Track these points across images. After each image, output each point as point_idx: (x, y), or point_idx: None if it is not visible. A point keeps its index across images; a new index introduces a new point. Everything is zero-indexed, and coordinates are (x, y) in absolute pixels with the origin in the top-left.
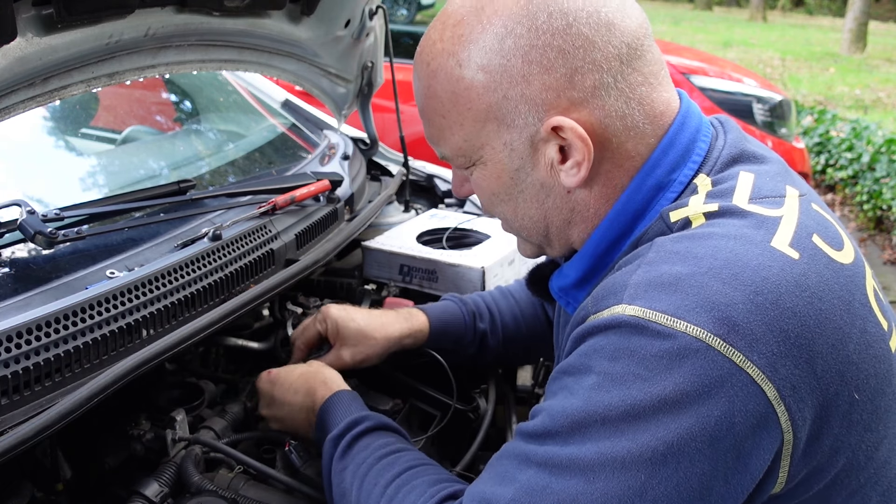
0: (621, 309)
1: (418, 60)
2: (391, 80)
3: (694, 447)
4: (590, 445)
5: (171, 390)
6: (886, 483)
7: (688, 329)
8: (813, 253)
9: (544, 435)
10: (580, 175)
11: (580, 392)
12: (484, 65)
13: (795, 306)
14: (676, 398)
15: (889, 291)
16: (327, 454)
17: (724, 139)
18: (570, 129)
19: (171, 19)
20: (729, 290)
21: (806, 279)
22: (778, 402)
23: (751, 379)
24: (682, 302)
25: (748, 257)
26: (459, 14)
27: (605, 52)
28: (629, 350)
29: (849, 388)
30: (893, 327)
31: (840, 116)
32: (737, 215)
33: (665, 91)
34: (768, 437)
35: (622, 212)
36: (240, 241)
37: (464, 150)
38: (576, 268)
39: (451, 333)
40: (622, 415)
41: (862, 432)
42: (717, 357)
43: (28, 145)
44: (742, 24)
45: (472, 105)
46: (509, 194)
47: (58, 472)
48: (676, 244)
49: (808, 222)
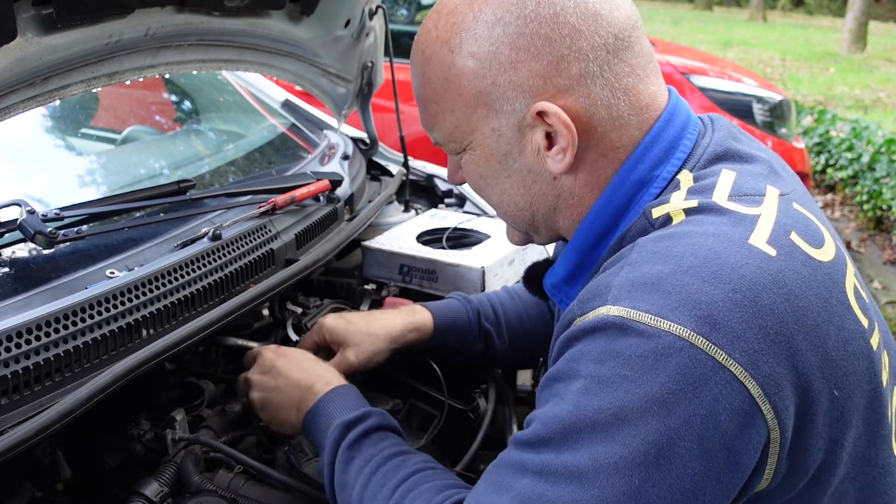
0: (606, 310)
1: (415, 49)
2: (391, 80)
3: (684, 447)
4: (583, 452)
5: (171, 390)
6: (866, 480)
7: (671, 328)
8: (790, 250)
9: (538, 443)
10: (566, 161)
11: (569, 397)
12: (474, 51)
13: (773, 303)
14: (663, 397)
15: (889, 291)
16: (334, 438)
17: (711, 137)
18: (554, 114)
19: (170, 19)
20: (709, 287)
21: (783, 276)
22: (762, 399)
23: (734, 376)
24: (664, 301)
25: (726, 254)
26: (453, 3)
27: (591, 41)
28: (615, 352)
29: (829, 385)
30: (876, 325)
31: (840, 116)
32: (715, 212)
33: (652, 84)
34: (756, 435)
35: (606, 206)
36: (240, 240)
37: (455, 136)
38: (564, 263)
39: (455, 330)
40: (611, 418)
41: (841, 429)
42: (700, 355)
43: (28, 145)
44: (742, 24)
45: (462, 91)
46: (496, 178)
47: (58, 472)
48: (657, 244)
49: (786, 221)
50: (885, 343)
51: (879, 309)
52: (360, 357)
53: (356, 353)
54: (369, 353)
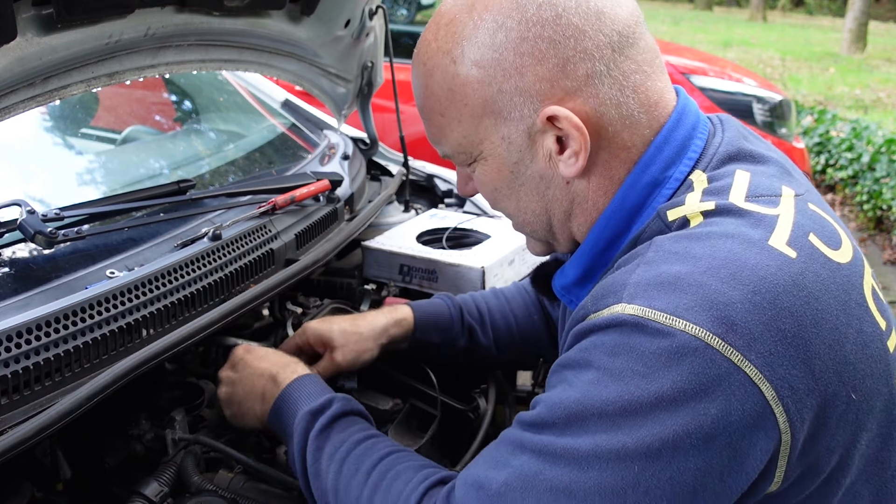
0: (621, 308)
1: (415, 62)
2: (391, 80)
3: (689, 443)
4: (586, 437)
5: (171, 390)
6: (880, 482)
7: (686, 328)
8: (810, 252)
9: (541, 424)
10: (578, 164)
11: (579, 385)
12: (477, 60)
13: (792, 306)
14: (674, 396)
15: (889, 291)
16: (302, 428)
17: (722, 137)
18: (565, 118)
19: (170, 19)
20: (727, 289)
21: (803, 278)
22: (776, 402)
23: (748, 378)
24: (681, 301)
25: (746, 256)
26: (452, 12)
27: (595, 40)
28: (628, 347)
29: (846, 388)
30: (893, 327)
31: (840, 116)
32: (734, 214)
33: (659, 80)
34: (765, 437)
35: (619, 209)
36: (240, 240)
37: (464, 147)
38: (576, 266)
39: (437, 325)
40: (619, 410)
41: (857, 431)
42: (715, 356)
43: (28, 145)
44: (742, 24)
45: (468, 101)
46: (510, 188)
47: (58, 472)
48: (675, 244)
49: (804, 222)
50: None
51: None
52: (347, 357)
53: (343, 353)
54: (355, 352)
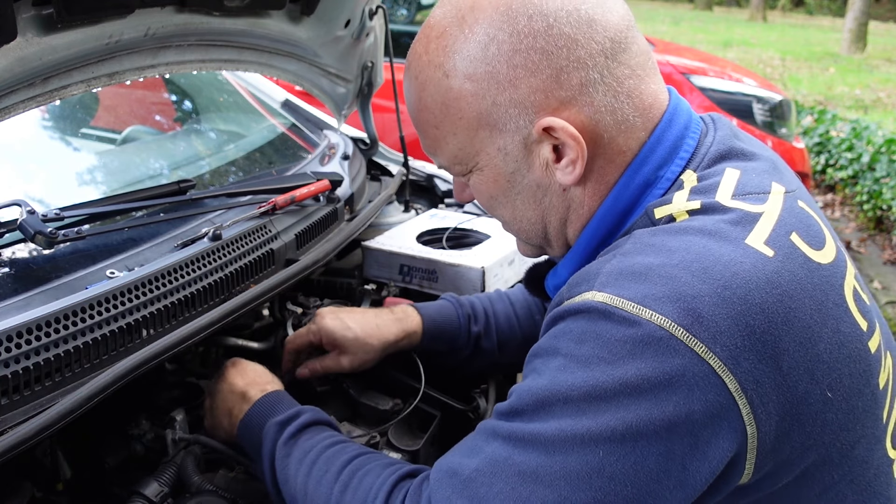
0: (591, 295)
1: (407, 74)
2: (391, 80)
3: (651, 430)
4: (552, 422)
5: (171, 390)
6: (864, 482)
7: (652, 317)
8: (788, 252)
9: (511, 413)
10: (576, 172)
11: (547, 373)
12: (470, 73)
13: (764, 303)
14: (637, 383)
15: (889, 291)
16: (270, 437)
17: (714, 136)
18: (561, 128)
19: (170, 19)
20: (697, 282)
21: (778, 277)
22: (739, 394)
23: (712, 370)
24: (649, 291)
25: (720, 252)
26: (442, 25)
27: (588, 48)
28: (595, 334)
29: (820, 387)
30: (876, 327)
31: (840, 116)
32: (718, 212)
33: (653, 82)
34: (728, 428)
35: (611, 209)
36: (240, 240)
37: (459, 159)
38: (568, 266)
39: (444, 335)
40: (584, 395)
41: (837, 431)
42: (679, 346)
43: (28, 145)
44: (742, 24)
45: (462, 114)
46: (507, 196)
47: (58, 472)
48: (653, 237)
49: (789, 220)
50: (885, 345)
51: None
52: (354, 363)
53: (350, 360)
54: (362, 360)
